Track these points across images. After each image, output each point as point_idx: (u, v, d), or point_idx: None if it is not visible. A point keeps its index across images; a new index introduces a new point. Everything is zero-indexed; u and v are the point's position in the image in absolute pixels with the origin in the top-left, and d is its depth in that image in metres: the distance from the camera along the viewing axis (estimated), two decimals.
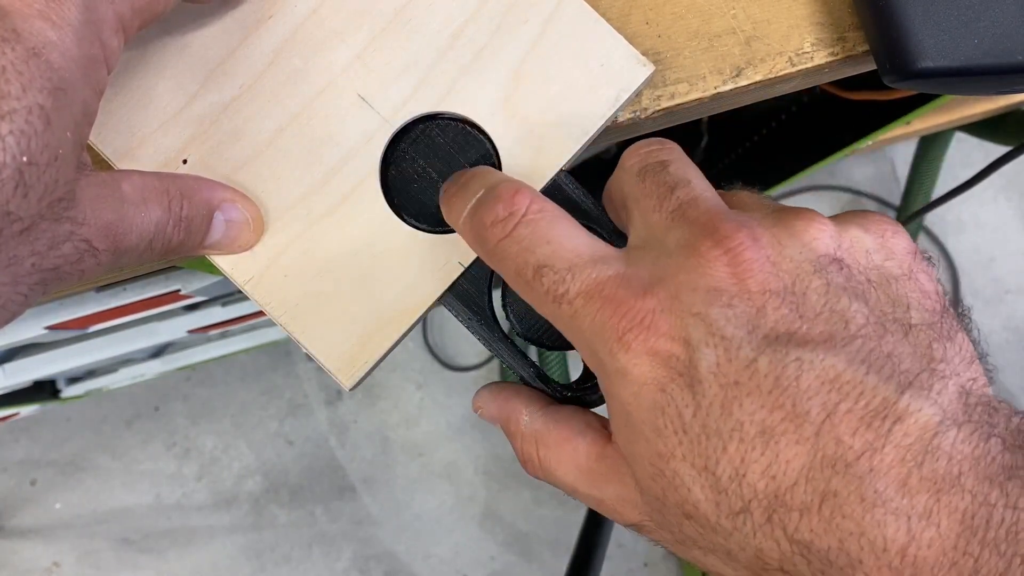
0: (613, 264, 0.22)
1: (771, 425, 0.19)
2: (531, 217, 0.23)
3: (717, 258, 0.21)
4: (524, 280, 0.23)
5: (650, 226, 0.23)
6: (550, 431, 0.25)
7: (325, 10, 0.28)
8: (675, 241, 0.22)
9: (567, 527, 1.15)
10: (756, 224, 0.21)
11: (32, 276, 0.21)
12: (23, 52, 0.19)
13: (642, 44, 0.30)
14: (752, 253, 0.21)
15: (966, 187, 0.50)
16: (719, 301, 0.20)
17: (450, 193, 0.26)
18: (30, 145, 0.19)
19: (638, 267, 0.22)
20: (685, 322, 0.20)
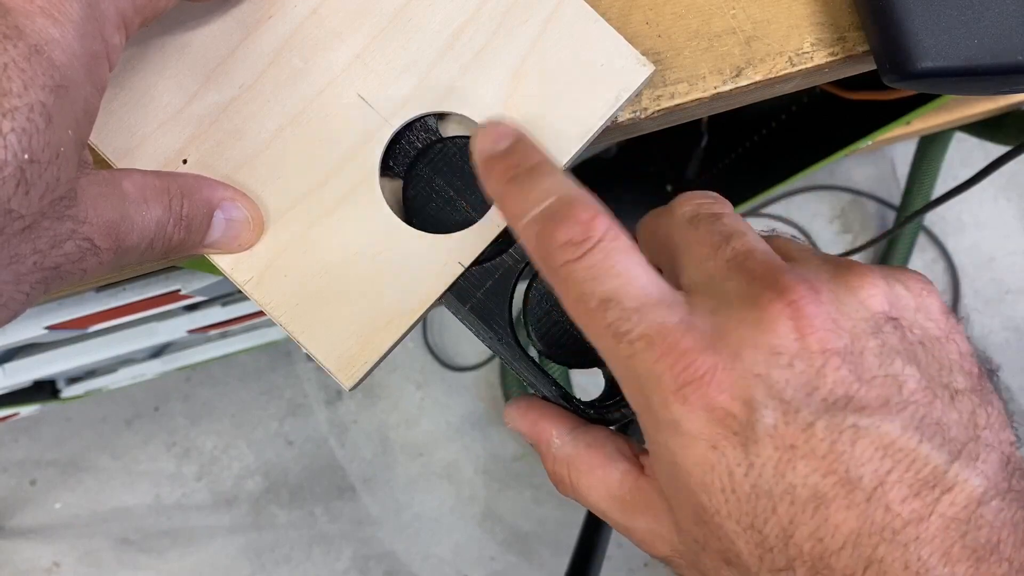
0: (677, 310, 0.21)
1: (823, 490, 0.19)
2: (605, 245, 0.22)
3: (779, 312, 0.20)
4: (585, 308, 0.22)
5: (706, 273, 0.23)
6: (581, 456, 0.25)
7: (325, 10, 0.28)
8: (734, 291, 0.21)
9: (567, 527, 1.15)
10: (815, 278, 0.21)
11: (34, 274, 0.21)
12: (25, 49, 0.19)
13: (642, 44, 0.30)
14: (814, 308, 0.20)
15: (966, 187, 0.50)
16: (780, 362, 0.20)
17: (504, 177, 0.24)
18: (31, 143, 0.19)
19: (700, 316, 0.21)
20: (746, 382, 0.20)
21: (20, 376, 0.68)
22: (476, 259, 0.28)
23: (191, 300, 0.66)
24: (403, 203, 0.29)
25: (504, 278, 0.29)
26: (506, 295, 0.29)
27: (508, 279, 0.29)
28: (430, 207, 0.29)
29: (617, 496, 0.24)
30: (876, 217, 1.24)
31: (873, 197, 1.23)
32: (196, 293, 0.62)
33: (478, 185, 0.28)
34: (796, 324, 0.20)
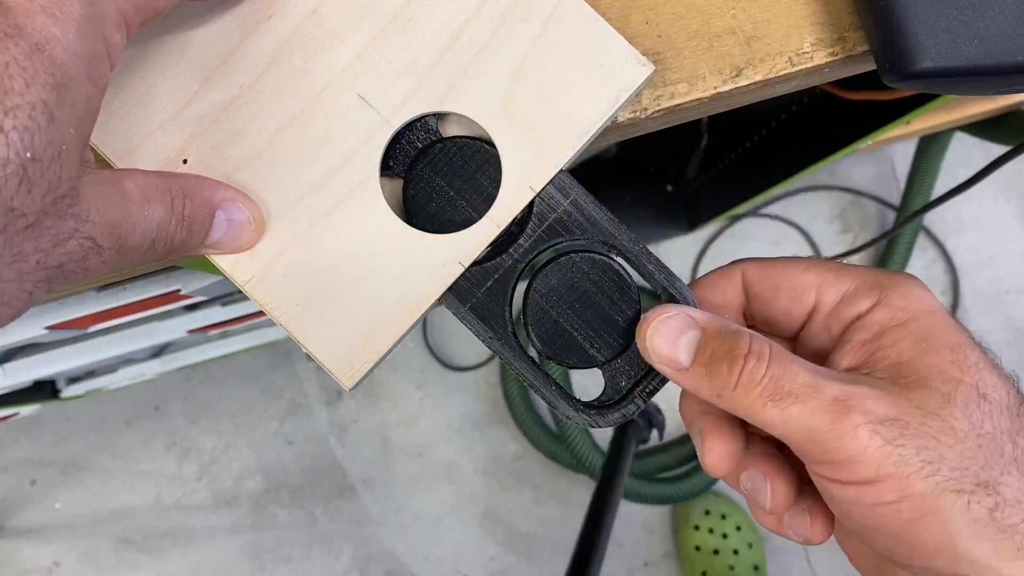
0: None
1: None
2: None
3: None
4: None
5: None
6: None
7: (325, 10, 0.28)
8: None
9: (567, 527, 1.15)
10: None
11: (37, 273, 0.21)
12: (26, 48, 0.19)
13: (642, 44, 0.30)
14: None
15: (966, 187, 0.50)
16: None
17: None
18: (33, 141, 0.19)
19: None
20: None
21: (20, 376, 0.68)
22: (476, 259, 0.28)
23: (191, 300, 0.66)
24: (403, 202, 0.29)
25: (504, 278, 0.29)
26: (506, 295, 0.29)
27: (508, 279, 0.29)
28: (430, 207, 0.29)
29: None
30: (876, 217, 1.24)
31: (873, 197, 1.23)
32: (196, 293, 0.62)
33: (477, 185, 0.28)
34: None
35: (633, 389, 0.29)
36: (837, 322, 0.28)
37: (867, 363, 0.27)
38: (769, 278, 0.29)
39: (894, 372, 0.26)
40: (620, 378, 0.29)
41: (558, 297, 0.29)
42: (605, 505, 0.73)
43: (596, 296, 0.29)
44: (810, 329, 0.29)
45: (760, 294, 0.30)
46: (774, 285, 0.29)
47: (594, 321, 0.29)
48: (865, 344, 0.27)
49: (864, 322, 0.27)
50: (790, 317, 0.29)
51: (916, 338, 0.26)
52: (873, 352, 0.27)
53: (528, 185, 0.28)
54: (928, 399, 0.24)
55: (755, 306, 0.30)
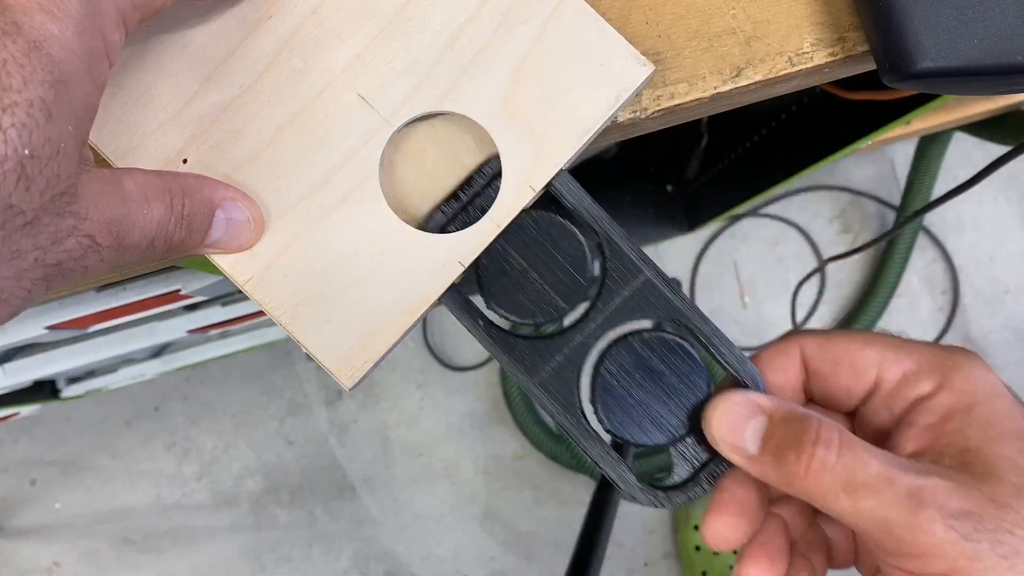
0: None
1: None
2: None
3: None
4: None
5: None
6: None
7: (325, 10, 0.28)
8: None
9: (567, 527, 1.15)
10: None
11: (35, 271, 0.21)
12: (24, 45, 0.19)
13: (642, 44, 0.30)
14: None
15: (966, 187, 0.50)
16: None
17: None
18: (31, 138, 0.19)
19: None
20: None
21: (20, 376, 0.68)
22: (546, 333, 0.29)
23: (191, 300, 0.66)
24: (475, 275, 0.29)
25: (573, 355, 0.28)
26: (574, 372, 0.28)
27: (577, 356, 0.29)
28: (503, 281, 0.29)
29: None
30: (876, 217, 1.24)
31: (873, 197, 1.23)
32: (196, 293, 0.62)
33: (552, 262, 0.28)
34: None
35: (699, 472, 0.29)
36: (899, 402, 0.28)
37: (933, 449, 0.27)
38: (828, 354, 0.29)
39: (962, 460, 0.26)
40: (688, 460, 0.29)
41: (627, 376, 0.29)
42: (605, 505, 0.73)
43: (665, 376, 0.29)
44: (870, 406, 0.29)
45: (819, 370, 0.30)
46: (834, 361, 0.29)
47: (662, 402, 0.29)
48: (930, 429, 0.27)
49: (928, 405, 0.27)
50: (850, 394, 0.29)
51: (982, 425, 0.26)
52: (939, 438, 0.27)
53: (528, 185, 0.28)
54: (1000, 491, 0.24)
55: (814, 382, 0.30)
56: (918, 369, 0.28)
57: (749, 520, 0.29)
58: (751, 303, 1.21)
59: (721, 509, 0.29)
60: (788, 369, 0.30)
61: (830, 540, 0.31)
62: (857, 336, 0.29)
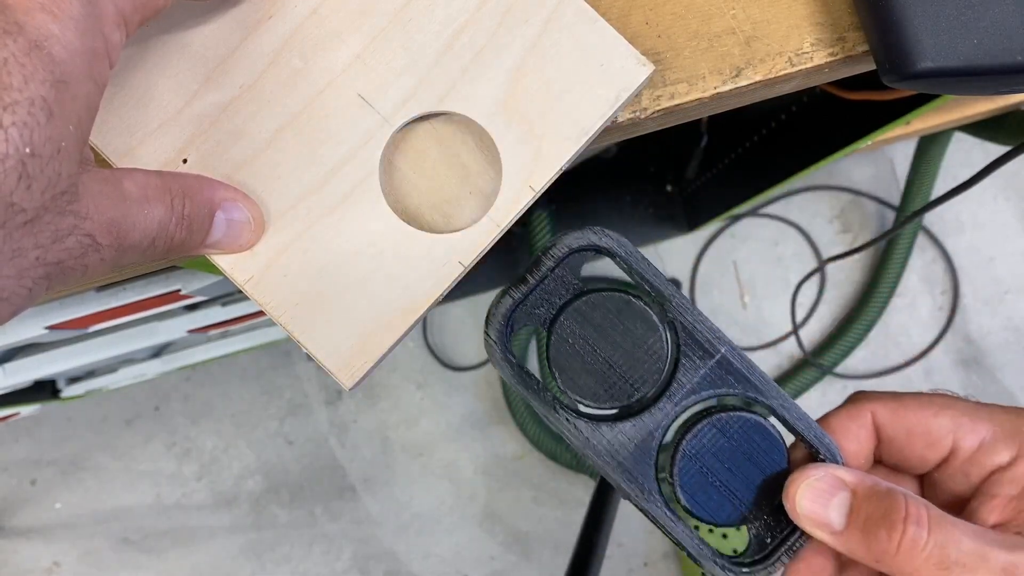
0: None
1: None
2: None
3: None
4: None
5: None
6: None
7: (325, 10, 0.28)
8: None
9: (567, 527, 1.15)
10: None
11: (36, 269, 0.21)
12: (25, 44, 0.19)
13: (642, 44, 0.30)
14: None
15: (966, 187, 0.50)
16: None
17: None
18: (33, 136, 0.19)
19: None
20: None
21: (20, 376, 0.68)
22: (624, 413, 0.29)
23: (191, 300, 0.66)
24: (546, 355, 0.29)
25: (651, 436, 0.29)
26: (652, 453, 0.29)
27: (655, 437, 0.29)
28: (574, 362, 0.29)
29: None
30: (876, 217, 1.24)
31: (873, 197, 1.23)
32: (196, 293, 0.62)
33: (627, 344, 0.28)
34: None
35: (779, 547, 0.29)
36: (976, 469, 0.28)
37: (1017, 520, 0.27)
38: (902, 421, 0.29)
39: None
40: (765, 535, 0.29)
41: (705, 456, 0.29)
42: (605, 505, 0.73)
43: (743, 454, 0.29)
44: (945, 472, 0.29)
45: (893, 439, 0.30)
46: (907, 430, 0.29)
47: (741, 479, 0.29)
48: (1013, 500, 0.27)
49: (1008, 475, 0.28)
50: (924, 462, 0.29)
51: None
52: (1022, 509, 0.27)
53: (528, 185, 0.28)
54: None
55: (885, 448, 0.30)
56: (994, 437, 0.28)
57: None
58: (751, 303, 1.21)
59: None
60: (861, 437, 0.30)
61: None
62: (931, 402, 0.29)
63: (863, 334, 1.18)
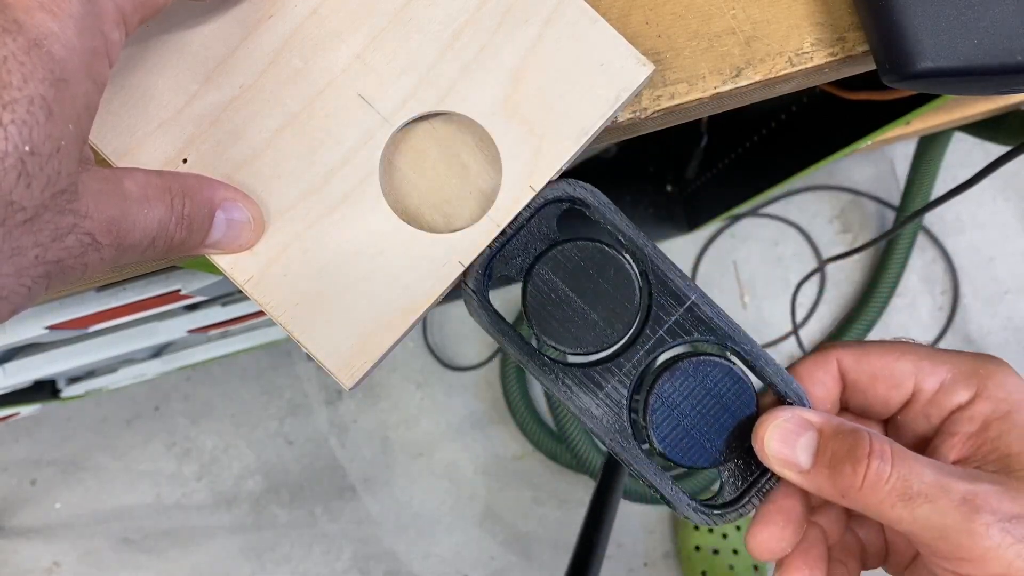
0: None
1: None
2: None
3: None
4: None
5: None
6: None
7: (325, 10, 0.28)
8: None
9: (567, 527, 1.15)
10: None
11: (36, 268, 0.21)
12: (24, 43, 0.19)
13: (642, 44, 0.30)
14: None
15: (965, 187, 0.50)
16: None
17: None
18: (32, 135, 0.19)
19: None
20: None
21: (20, 376, 0.68)
22: (598, 359, 0.29)
23: (191, 300, 0.66)
24: (522, 305, 0.29)
25: (623, 381, 0.29)
26: (625, 398, 0.29)
27: (627, 383, 0.29)
28: (548, 309, 0.29)
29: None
30: (876, 217, 1.24)
31: (873, 197, 1.23)
32: (196, 293, 0.62)
33: (600, 291, 0.29)
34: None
35: (749, 489, 0.30)
36: (937, 410, 0.29)
37: (976, 456, 0.28)
38: (866, 366, 0.30)
39: (1004, 465, 0.27)
40: (737, 479, 0.30)
41: (678, 400, 0.29)
42: (605, 505, 0.73)
43: (715, 398, 0.29)
44: (908, 415, 0.30)
45: (857, 382, 0.31)
46: (871, 374, 0.30)
47: (712, 423, 0.29)
48: (971, 437, 0.28)
49: (967, 414, 0.28)
50: (887, 404, 0.30)
51: (1020, 430, 0.27)
52: (980, 445, 0.28)
53: (528, 185, 0.28)
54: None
55: (851, 393, 0.31)
56: (954, 378, 0.29)
57: (793, 530, 0.29)
58: (751, 303, 1.21)
59: (767, 520, 0.29)
60: (827, 382, 0.31)
61: (864, 544, 0.32)
62: (893, 347, 0.30)
63: (863, 334, 1.18)
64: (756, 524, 0.29)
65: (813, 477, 0.27)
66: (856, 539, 0.32)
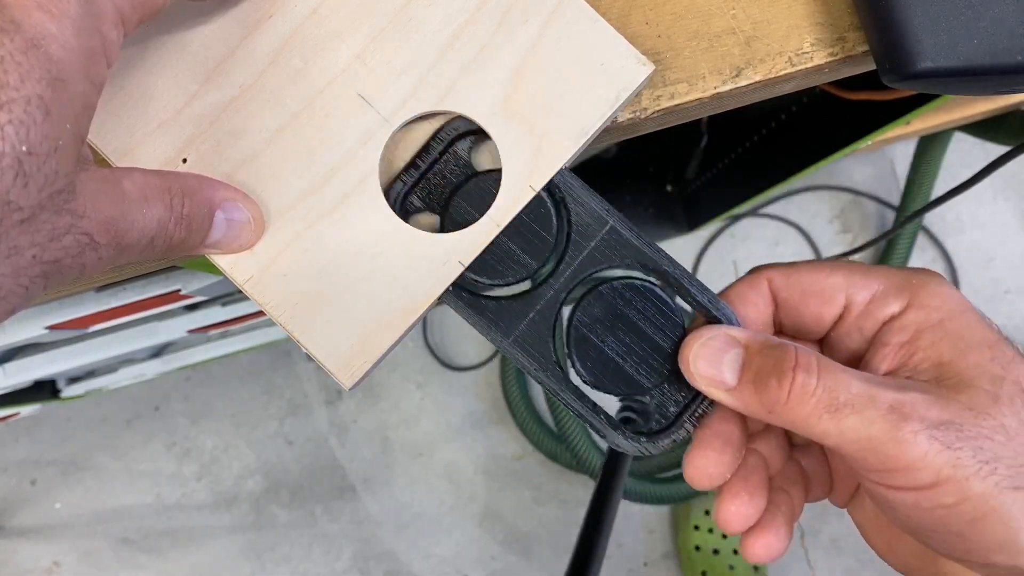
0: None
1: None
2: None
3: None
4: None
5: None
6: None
7: (325, 9, 0.28)
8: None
9: (567, 527, 1.15)
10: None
11: (33, 268, 0.21)
12: (22, 43, 0.19)
13: (642, 44, 0.30)
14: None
15: (965, 187, 0.50)
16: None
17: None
18: (29, 135, 0.19)
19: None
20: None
21: (20, 376, 0.68)
22: (518, 292, 0.29)
23: (191, 300, 0.66)
24: (440, 232, 0.29)
25: (546, 309, 0.29)
26: (548, 327, 0.29)
27: (550, 310, 0.29)
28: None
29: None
30: (876, 217, 1.24)
31: (873, 197, 1.23)
32: (196, 293, 0.62)
33: (517, 221, 0.28)
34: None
35: (682, 414, 0.29)
36: (870, 323, 0.29)
37: (907, 365, 0.27)
38: (796, 284, 0.30)
39: (936, 374, 0.26)
40: (668, 404, 0.29)
41: (601, 325, 0.29)
42: (605, 505, 0.73)
43: (639, 322, 0.29)
44: (841, 331, 0.30)
45: (788, 300, 0.30)
46: (802, 290, 0.29)
47: (639, 348, 0.29)
48: (903, 346, 0.27)
49: (898, 324, 0.28)
50: (819, 321, 0.30)
51: (953, 338, 0.26)
52: (912, 354, 0.27)
53: (528, 184, 0.28)
54: (976, 399, 0.25)
55: (783, 312, 0.30)
56: (885, 290, 0.28)
57: (731, 455, 0.29)
58: None
59: (703, 446, 0.29)
60: (758, 302, 0.30)
61: (807, 474, 0.32)
62: (824, 264, 0.30)
63: None
64: (692, 450, 0.29)
65: (739, 394, 0.27)
66: (799, 469, 0.31)
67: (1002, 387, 0.25)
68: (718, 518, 0.29)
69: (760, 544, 0.29)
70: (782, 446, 0.31)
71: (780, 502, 0.30)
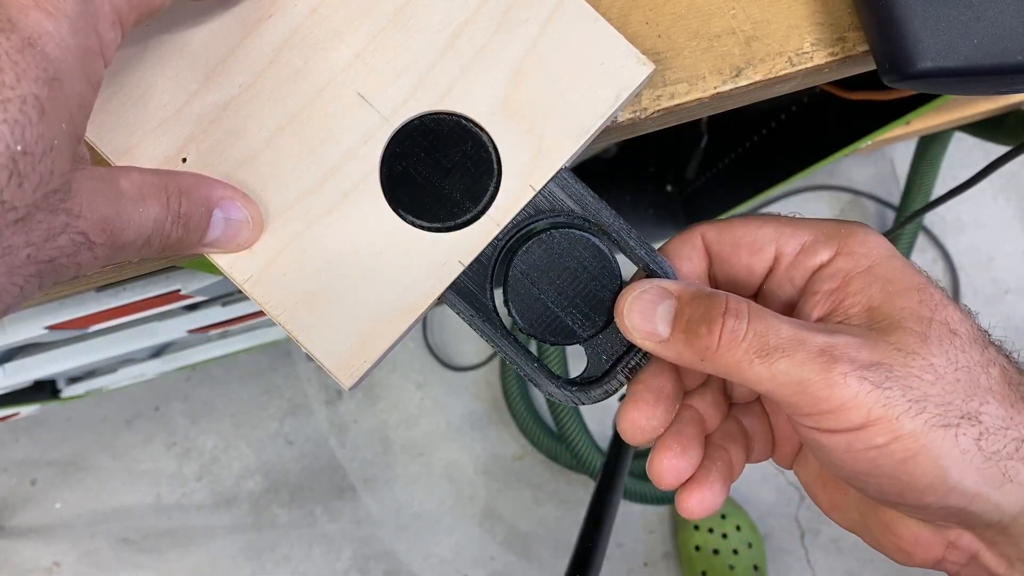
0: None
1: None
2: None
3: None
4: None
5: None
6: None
7: (325, 9, 0.28)
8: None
9: (567, 527, 1.15)
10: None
11: (28, 267, 0.21)
12: (18, 41, 0.19)
13: (642, 44, 0.30)
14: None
15: (966, 187, 0.50)
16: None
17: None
18: (24, 134, 0.19)
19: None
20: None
21: (20, 376, 0.68)
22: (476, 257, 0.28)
23: (191, 300, 0.66)
24: (381, 182, 0.29)
25: (485, 256, 0.29)
26: (487, 274, 0.29)
27: (489, 257, 0.29)
28: (407, 183, 0.29)
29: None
30: (876, 217, 1.24)
31: (873, 197, 1.23)
32: (196, 293, 0.62)
33: (456, 165, 0.28)
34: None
35: (615, 365, 0.29)
36: (800, 272, 0.29)
37: (838, 311, 0.27)
38: (728, 237, 0.30)
39: (867, 318, 0.26)
40: (602, 355, 0.29)
41: (539, 274, 0.29)
42: (605, 505, 0.73)
43: (577, 272, 0.29)
44: (773, 281, 0.30)
45: (720, 253, 0.30)
46: (734, 243, 0.30)
47: (575, 298, 0.29)
48: (833, 293, 0.28)
49: (828, 271, 0.28)
50: (752, 272, 0.30)
51: (882, 283, 0.27)
52: (842, 300, 0.27)
53: (528, 184, 0.28)
54: (905, 340, 0.25)
55: (717, 266, 0.31)
56: (815, 240, 0.29)
57: (664, 410, 0.29)
58: None
59: (636, 398, 0.29)
60: (692, 256, 0.30)
61: (748, 433, 0.32)
62: (754, 217, 0.30)
63: None
64: (625, 404, 0.29)
65: (672, 344, 0.27)
66: (739, 427, 0.31)
67: (930, 328, 0.25)
68: (651, 472, 0.29)
69: (694, 498, 0.29)
70: (719, 402, 0.31)
71: (717, 458, 0.30)
